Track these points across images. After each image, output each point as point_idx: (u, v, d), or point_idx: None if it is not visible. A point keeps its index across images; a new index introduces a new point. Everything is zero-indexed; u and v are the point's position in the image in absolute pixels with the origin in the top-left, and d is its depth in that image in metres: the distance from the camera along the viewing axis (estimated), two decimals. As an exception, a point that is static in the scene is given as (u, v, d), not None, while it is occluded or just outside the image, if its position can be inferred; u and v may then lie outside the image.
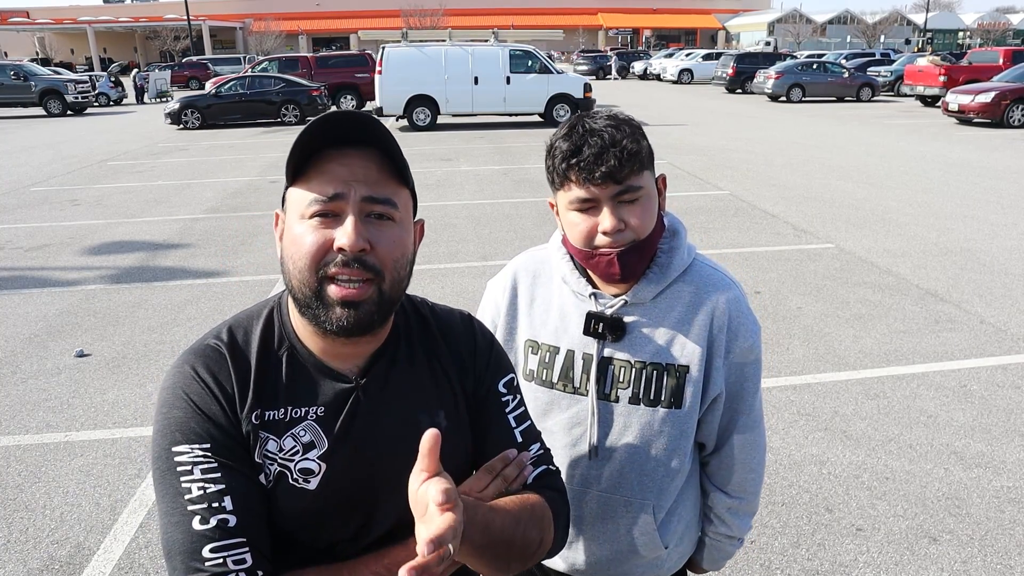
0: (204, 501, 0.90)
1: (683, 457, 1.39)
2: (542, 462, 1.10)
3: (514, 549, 0.97)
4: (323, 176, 0.94)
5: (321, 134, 0.93)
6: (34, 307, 5.78)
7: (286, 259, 0.96)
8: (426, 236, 8.71)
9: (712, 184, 10.35)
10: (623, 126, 1.24)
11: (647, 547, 1.41)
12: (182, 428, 0.94)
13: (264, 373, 0.99)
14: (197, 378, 0.97)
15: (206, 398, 0.95)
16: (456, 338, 1.12)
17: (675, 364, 1.33)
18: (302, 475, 0.97)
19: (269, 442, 0.97)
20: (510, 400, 1.12)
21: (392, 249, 0.96)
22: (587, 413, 1.37)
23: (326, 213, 0.93)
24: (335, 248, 0.92)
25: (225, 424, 0.95)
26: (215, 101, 19.05)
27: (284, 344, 1.02)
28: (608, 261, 1.26)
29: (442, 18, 62.51)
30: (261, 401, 0.98)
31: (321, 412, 0.99)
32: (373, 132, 0.95)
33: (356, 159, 0.95)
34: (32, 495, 3.33)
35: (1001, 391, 4.16)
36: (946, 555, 2.84)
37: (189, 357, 0.99)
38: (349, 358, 1.02)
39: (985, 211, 8.51)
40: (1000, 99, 16.49)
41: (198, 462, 0.92)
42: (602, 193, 1.22)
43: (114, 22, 67.18)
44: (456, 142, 15.45)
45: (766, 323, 5.20)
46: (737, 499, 1.45)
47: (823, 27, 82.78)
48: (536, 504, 1.03)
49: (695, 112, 21.83)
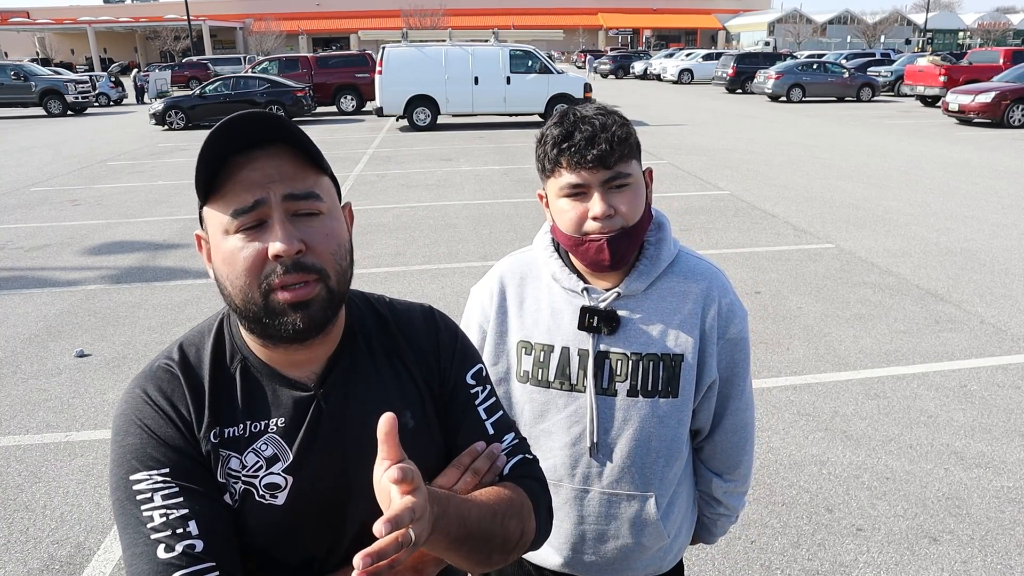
0: (167, 528, 0.87)
1: (681, 445, 1.42)
2: (518, 451, 1.07)
3: (494, 541, 0.95)
4: (237, 186, 0.89)
5: (223, 143, 0.88)
6: (34, 307, 5.78)
7: (223, 280, 0.92)
8: (426, 236, 8.67)
9: (712, 184, 10.35)
10: (612, 115, 1.28)
11: (651, 539, 1.42)
12: (138, 455, 0.90)
13: (219, 390, 0.96)
14: (149, 401, 0.93)
15: (160, 421, 0.92)
16: (417, 333, 1.08)
17: (670, 354, 1.35)
18: (268, 491, 0.94)
19: (231, 460, 0.93)
20: (479, 391, 1.08)
21: (327, 243, 0.92)
22: (586, 409, 1.37)
23: (251, 224, 0.89)
24: (271, 257, 0.88)
25: (183, 446, 0.92)
26: (200, 102, 19.08)
27: (236, 357, 0.98)
28: (598, 247, 1.27)
29: (442, 18, 62.52)
30: (219, 419, 0.94)
31: (282, 423, 0.96)
32: (276, 128, 0.90)
33: (266, 160, 0.90)
34: (32, 495, 3.33)
35: (1001, 391, 4.15)
36: (946, 555, 2.84)
37: (140, 381, 0.96)
38: (304, 364, 0.98)
39: (985, 211, 8.51)
40: (1000, 99, 16.49)
41: (158, 488, 0.88)
42: (592, 179, 1.25)
43: (114, 22, 67.20)
44: (456, 142, 15.45)
45: (766, 323, 5.20)
46: (732, 482, 1.49)
47: (823, 27, 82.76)
48: (514, 494, 1.00)
49: (695, 112, 21.83)
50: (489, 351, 1.44)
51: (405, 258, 6.92)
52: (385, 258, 6.92)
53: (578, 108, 1.30)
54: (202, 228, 0.96)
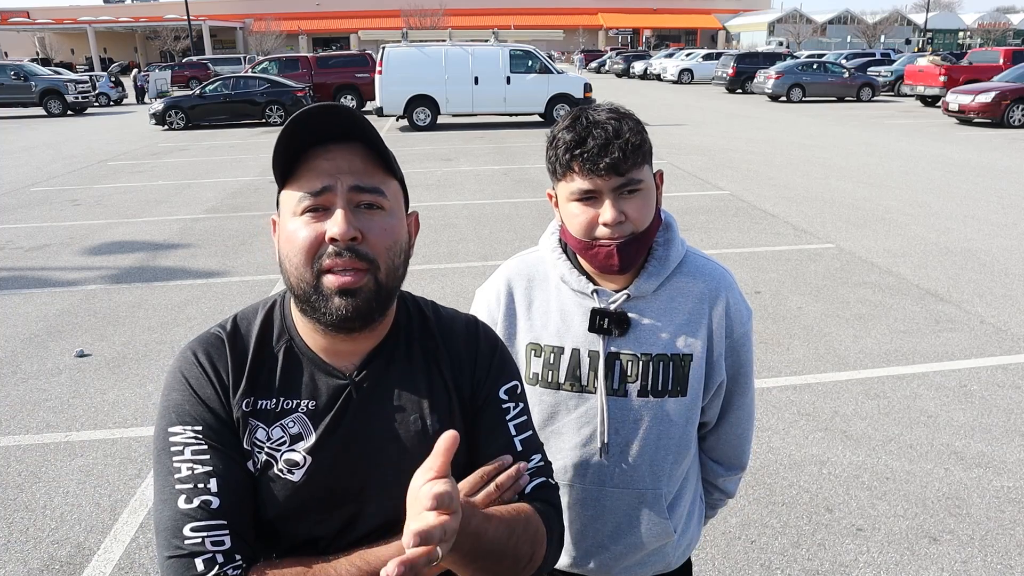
0: (191, 481, 0.92)
1: (690, 443, 1.43)
2: (541, 474, 1.07)
3: (504, 562, 0.95)
4: (310, 173, 0.95)
5: (302, 133, 0.94)
6: (34, 307, 5.78)
7: (283, 258, 0.98)
8: (426, 236, 8.66)
9: (712, 184, 10.35)
10: (626, 119, 1.26)
11: (659, 536, 1.43)
12: (178, 410, 0.97)
13: (260, 362, 1.01)
14: (196, 363, 1.00)
15: (202, 382, 0.99)
16: (456, 340, 1.09)
17: (680, 354, 1.36)
18: (287, 466, 0.98)
19: (258, 430, 0.98)
20: (511, 408, 1.08)
21: (383, 236, 0.96)
22: (596, 411, 1.37)
23: (316, 208, 0.95)
24: (327, 239, 0.93)
25: (217, 408, 0.97)
26: (199, 102, 19.04)
27: (284, 337, 1.04)
28: (607, 252, 1.27)
29: (442, 18, 62.51)
30: (255, 389, 1.00)
31: (312, 406, 1.00)
32: (353, 125, 0.95)
33: (340, 153, 0.96)
34: (32, 495, 3.32)
35: (1001, 391, 4.15)
36: (946, 555, 2.84)
37: (194, 343, 1.03)
38: (347, 355, 1.02)
39: (985, 211, 8.51)
40: (1000, 99, 16.48)
41: (189, 443, 0.95)
42: (604, 185, 1.24)
43: (114, 22, 67.19)
44: (456, 142, 15.45)
45: (766, 323, 5.20)
46: (733, 470, 1.53)
47: (823, 27, 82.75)
48: (531, 517, 1.00)
49: (695, 112, 21.83)
50: None
51: (405, 258, 6.91)
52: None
53: (591, 111, 1.27)
54: (277, 212, 1.02)
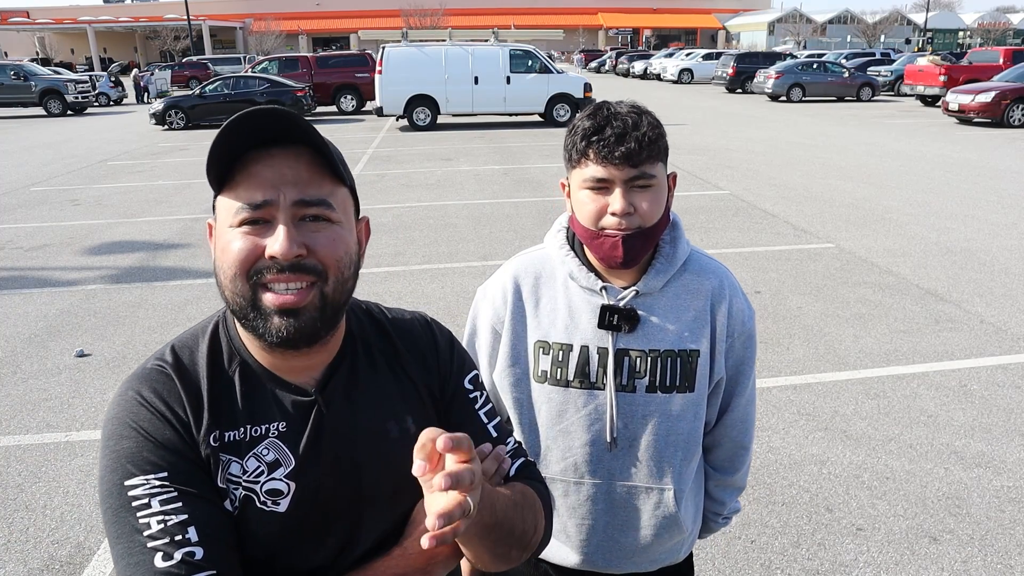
0: (165, 535, 0.82)
1: (698, 439, 1.44)
2: (519, 455, 1.09)
3: (515, 533, 0.95)
4: (249, 181, 0.87)
5: (241, 136, 0.86)
6: (34, 307, 5.78)
7: (217, 269, 0.90)
8: (426, 236, 8.65)
9: (712, 184, 10.35)
10: (646, 115, 1.29)
11: (671, 532, 1.43)
12: (134, 459, 0.86)
13: (217, 392, 0.92)
14: (144, 403, 0.89)
15: (157, 423, 0.88)
16: (415, 339, 1.07)
17: (687, 349, 1.37)
18: (270, 497, 0.91)
19: (231, 464, 0.90)
20: (478, 396, 1.09)
21: (334, 248, 0.90)
22: (606, 407, 1.38)
23: (255, 220, 0.87)
24: (267, 256, 0.86)
25: (182, 449, 0.88)
26: (199, 102, 19.00)
27: (235, 359, 0.95)
28: (612, 243, 1.28)
29: (442, 18, 62.49)
30: (219, 422, 0.91)
31: (283, 428, 0.93)
32: (298, 129, 0.87)
33: (283, 160, 0.88)
34: (32, 495, 3.33)
35: (1001, 391, 4.15)
36: (946, 555, 2.84)
37: (132, 383, 0.92)
38: (304, 371, 0.96)
39: (985, 211, 8.51)
40: (1000, 99, 16.48)
41: (155, 493, 0.84)
42: (617, 175, 1.26)
43: (114, 22, 67.17)
44: (456, 142, 15.45)
45: (766, 323, 5.20)
46: (727, 475, 1.51)
47: (823, 27, 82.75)
48: (527, 492, 1.02)
49: (695, 112, 21.83)
50: (505, 353, 1.43)
51: (405, 258, 6.92)
52: (385, 258, 6.92)
53: (613, 104, 1.31)
54: (213, 217, 0.95)
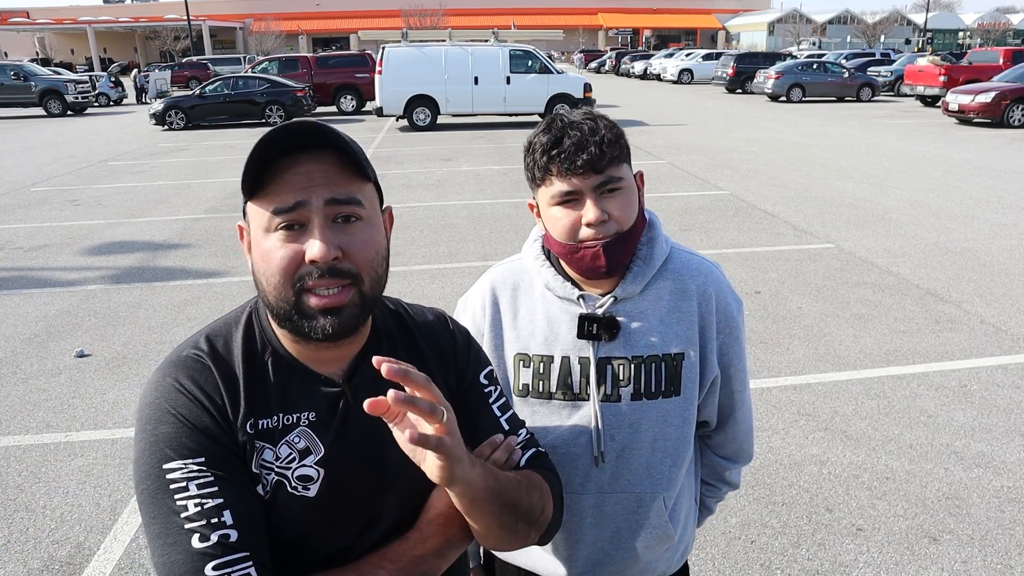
0: (202, 518, 0.87)
1: (688, 444, 1.41)
2: (531, 445, 1.13)
3: (520, 507, 1.00)
4: (281, 187, 0.91)
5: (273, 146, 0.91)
6: (34, 307, 5.78)
7: (259, 275, 0.95)
8: (426, 236, 8.65)
9: (712, 184, 10.35)
10: (600, 119, 1.27)
11: (660, 540, 1.41)
12: (172, 444, 0.90)
13: (252, 381, 0.97)
14: (183, 390, 0.93)
15: (195, 409, 0.92)
16: (435, 334, 1.12)
17: (671, 353, 1.35)
18: (301, 483, 0.96)
19: (265, 451, 0.95)
20: (492, 391, 1.13)
21: (365, 249, 0.95)
22: (591, 418, 1.35)
23: (291, 224, 0.91)
24: (307, 261, 0.91)
25: (219, 435, 0.92)
26: (199, 102, 19.01)
27: (267, 350, 1.00)
28: (594, 254, 1.26)
29: (442, 18, 62.51)
30: (254, 410, 0.95)
31: (313, 417, 0.98)
32: (325, 136, 0.93)
33: (311, 164, 0.93)
34: (32, 495, 3.33)
35: (1001, 391, 4.15)
36: (946, 555, 2.84)
37: (169, 370, 0.96)
38: (333, 362, 1.00)
39: (985, 211, 8.51)
40: (1000, 99, 16.48)
41: (193, 477, 0.89)
42: (584, 184, 1.24)
43: (114, 22, 67.18)
44: (456, 142, 15.45)
45: (766, 323, 5.20)
46: (741, 463, 1.55)
47: (823, 27, 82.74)
48: (533, 475, 1.06)
49: (695, 112, 21.83)
50: None
51: (405, 258, 6.92)
52: (385, 258, 6.92)
53: (565, 114, 1.29)
54: (245, 220, 0.99)
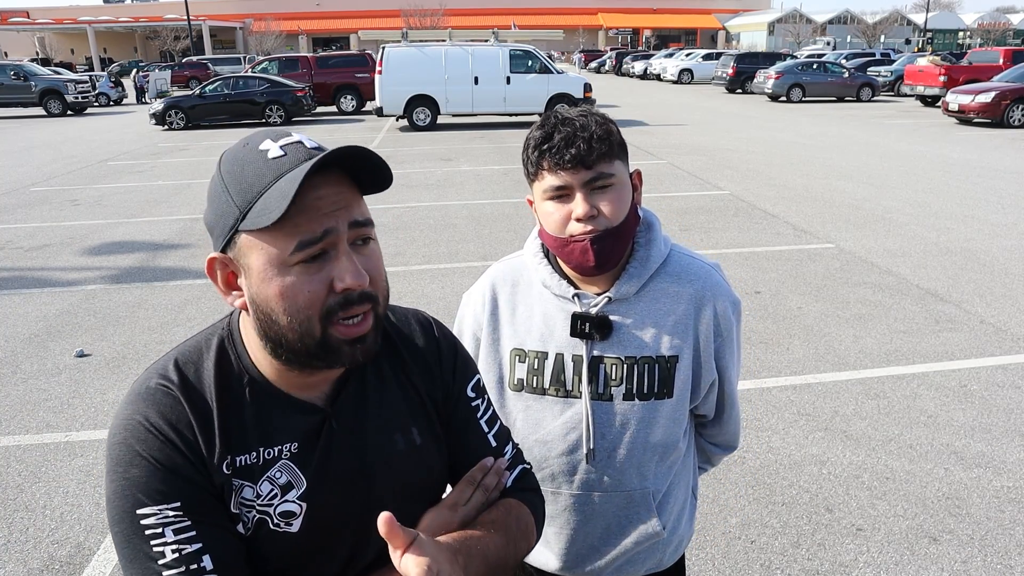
0: (181, 564, 0.83)
1: (677, 442, 1.42)
2: (517, 462, 1.11)
3: (507, 566, 0.99)
4: (301, 215, 0.82)
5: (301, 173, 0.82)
6: (34, 307, 5.78)
7: (272, 313, 0.85)
8: (426, 236, 8.65)
9: (712, 184, 10.35)
10: (594, 116, 1.28)
11: (648, 534, 1.42)
12: (144, 489, 0.84)
13: (227, 415, 0.90)
14: (152, 430, 0.86)
15: (167, 451, 0.85)
16: (419, 347, 1.06)
17: (665, 356, 1.35)
18: (283, 519, 0.91)
19: (244, 489, 0.90)
20: (480, 404, 1.09)
21: (381, 270, 0.91)
22: (582, 415, 1.36)
23: (317, 255, 0.84)
24: (338, 289, 0.84)
25: (194, 476, 0.86)
26: (199, 102, 19.00)
27: (244, 379, 0.92)
28: (582, 248, 1.26)
29: (442, 18, 62.52)
30: (230, 447, 0.89)
31: (295, 448, 0.92)
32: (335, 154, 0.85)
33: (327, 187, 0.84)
34: (32, 495, 3.33)
35: (1001, 391, 4.15)
36: (946, 555, 2.84)
37: (138, 405, 0.88)
38: (315, 386, 0.94)
39: (985, 211, 8.51)
40: (1000, 99, 16.48)
41: (169, 523, 0.84)
42: (574, 179, 1.25)
43: (114, 22, 67.21)
44: (456, 142, 15.45)
45: (766, 323, 5.20)
46: (730, 451, 1.61)
47: (823, 27, 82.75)
48: (521, 514, 1.03)
49: (695, 112, 21.83)
50: (483, 359, 1.43)
51: (405, 258, 6.92)
52: (385, 258, 6.91)
53: (560, 111, 1.30)
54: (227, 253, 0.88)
